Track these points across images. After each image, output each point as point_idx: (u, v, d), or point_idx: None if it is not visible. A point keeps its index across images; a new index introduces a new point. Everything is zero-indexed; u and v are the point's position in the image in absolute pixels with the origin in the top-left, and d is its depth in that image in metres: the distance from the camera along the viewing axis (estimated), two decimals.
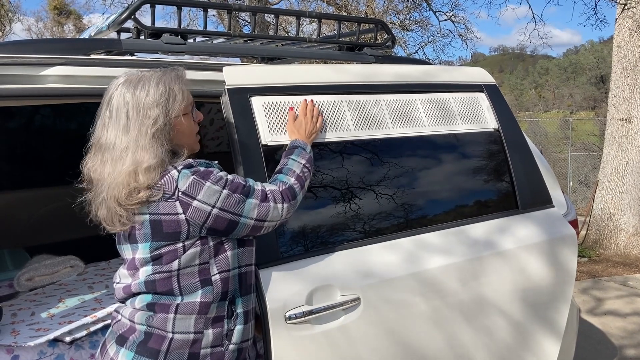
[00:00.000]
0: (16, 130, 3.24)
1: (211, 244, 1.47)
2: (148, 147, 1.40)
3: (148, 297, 1.45)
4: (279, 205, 1.55)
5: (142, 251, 1.44)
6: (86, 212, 1.49)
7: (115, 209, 1.40)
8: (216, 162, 1.55)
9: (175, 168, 1.43)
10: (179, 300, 1.44)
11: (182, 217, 1.41)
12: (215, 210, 1.43)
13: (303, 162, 1.71)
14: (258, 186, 1.54)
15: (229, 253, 1.50)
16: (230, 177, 1.50)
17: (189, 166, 1.44)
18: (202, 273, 1.46)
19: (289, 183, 1.62)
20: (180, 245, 1.43)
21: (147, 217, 1.42)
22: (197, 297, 1.45)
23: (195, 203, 1.41)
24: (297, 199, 1.63)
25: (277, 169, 1.70)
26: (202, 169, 1.46)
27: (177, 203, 1.41)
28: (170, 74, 1.50)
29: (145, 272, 1.44)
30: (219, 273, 1.48)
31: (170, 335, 1.43)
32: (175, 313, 1.44)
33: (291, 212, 1.60)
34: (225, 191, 1.45)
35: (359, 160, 1.98)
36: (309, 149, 1.77)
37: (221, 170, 1.51)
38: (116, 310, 1.55)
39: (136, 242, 1.45)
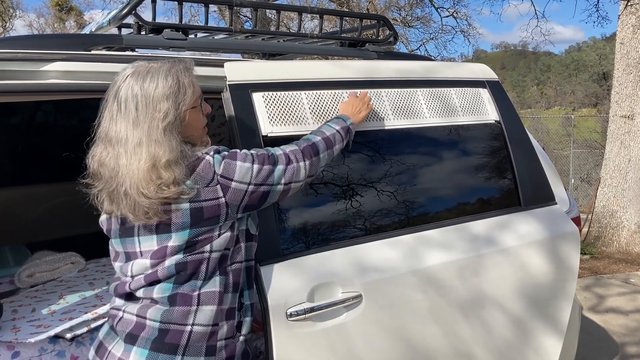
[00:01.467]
0: (17, 126, 3.23)
1: (233, 233, 1.48)
2: (161, 141, 1.37)
3: (169, 287, 1.42)
4: (301, 164, 1.57)
5: (176, 239, 1.40)
6: (91, 207, 1.46)
7: (142, 202, 1.36)
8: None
9: (207, 154, 1.44)
10: (198, 290, 1.43)
11: (223, 200, 1.43)
12: (251, 187, 1.46)
13: (337, 128, 1.73)
14: (278, 151, 1.57)
15: (242, 245, 1.52)
16: (253, 151, 1.52)
17: (217, 151, 1.46)
18: (221, 260, 1.46)
19: (313, 140, 1.65)
20: (216, 232, 1.44)
21: (186, 205, 1.39)
22: (215, 287, 1.45)
23: (233, 184, 1.44)
24: (320, 157, 1.64)
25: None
26: (227, 152, 1.48)
27: (218, 187, 1.42)
28: (178, 66, 1.47)
29: (175, 258, 1.41)
30: (233, 264, 1.49)
31: (189, 328, 1.42)
32: (198, 305, 1.43)
33: (314, 169, 1.62)
34: (255, 166, 1.48)
35: (360, 157, 1.97)
36: (350, 122, 1.78)
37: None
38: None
39: (169, 232, 1.40)
